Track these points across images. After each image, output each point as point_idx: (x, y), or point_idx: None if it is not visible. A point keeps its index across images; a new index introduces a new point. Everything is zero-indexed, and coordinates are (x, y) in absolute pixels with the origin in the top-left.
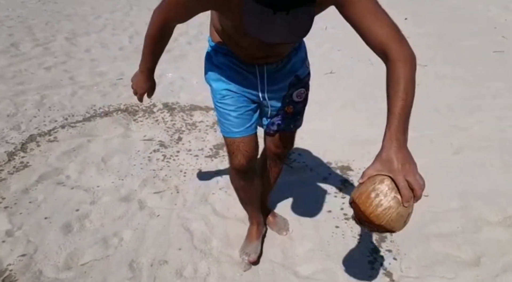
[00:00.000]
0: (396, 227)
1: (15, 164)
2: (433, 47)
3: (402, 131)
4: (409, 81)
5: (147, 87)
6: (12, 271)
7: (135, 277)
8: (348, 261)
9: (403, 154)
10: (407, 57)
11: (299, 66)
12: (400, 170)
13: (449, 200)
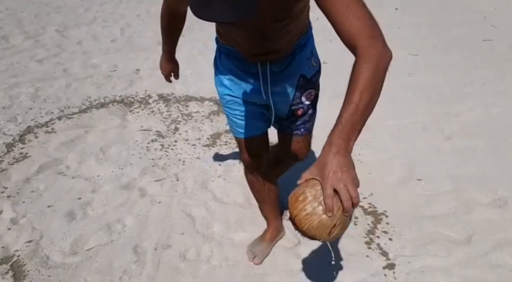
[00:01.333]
0: (318, 235)
1: (14, 155)
2: (424, 37)
3: (344, 137)
4: (368, 84)
5: (169, 67)
6: (19, 257)
7: (140, 261)
8: (345, 241)
9: (339, 161)
10: (373, 57)
11: (304, 65)
12: (329, 177)
13: (442, 184)
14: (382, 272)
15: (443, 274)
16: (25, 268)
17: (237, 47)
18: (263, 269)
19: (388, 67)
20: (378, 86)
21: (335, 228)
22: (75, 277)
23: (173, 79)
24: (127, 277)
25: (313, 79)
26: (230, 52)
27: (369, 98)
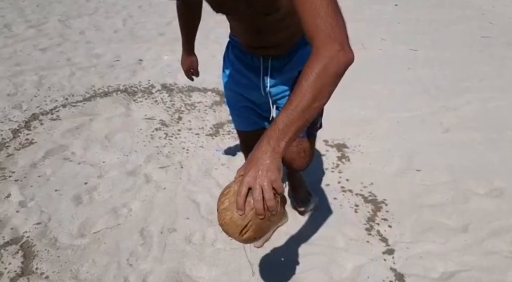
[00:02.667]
0: (229, 232)
1: (20, 141)
2: (423, 32)
3: (275, 137)
4: (311, 86)
5: (187, 62)
6: (29, 238)
7: (146, 243)
8: (346, 228)
9: (263, 160)
10: (324, 58)
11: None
12: (247, 174)
13: (440, 174)
14: (382, 257)
15: (440, 259)
16: (35, 249)
17: (239, 38)
18: (264, 252)
19: (342, 71)
20: (323, 89)
21: (247, 229)
22: (83, 257)
23: (176, 69)
24: (134, 259)
25: None
26: (236, 44)
27: (310, 101)
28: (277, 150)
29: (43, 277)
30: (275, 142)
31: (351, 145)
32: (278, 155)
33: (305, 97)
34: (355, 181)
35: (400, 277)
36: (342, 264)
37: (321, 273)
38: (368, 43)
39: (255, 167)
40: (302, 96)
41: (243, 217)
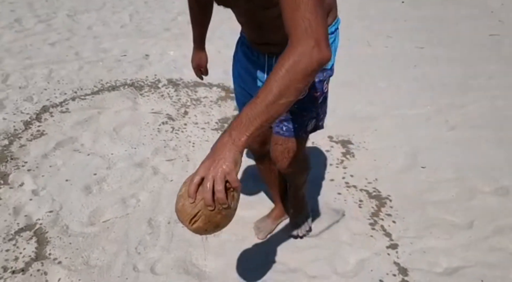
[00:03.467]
0: (181, 219)
1: (32, 132)
2: (430, 30)
3: (238, 130)
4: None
5: (196, 59)
6: (42, 225)
7: (154, 233)
8: (350, 223)
9: (222, 151)
10: (295, 54)
11: None
12: (203, 163)
13: (444, 172)
14: (386, 251)
15: (444, 255)
16: (48, 235)
17: (245, 34)
18: (268, 244)
19: (314, 69)
20: (291, 86)
21: (196, 219)
22: (93, 245)
23: (181, 65)
24: (143, 247)
25: None
26: (244, 40)
27: (276, 96)
28: (237, 143)
29: (56, 262)
30: (236, 135)
31: (356, 142)
32: (238, 148)
33: (271, 92)
34: (360, 177)
35: (403, 271)
36: (346, 258)
37: (325, 266)
38: (374, 40)
39: (212, 157)
40: (268, 91)
41: (194, 206)
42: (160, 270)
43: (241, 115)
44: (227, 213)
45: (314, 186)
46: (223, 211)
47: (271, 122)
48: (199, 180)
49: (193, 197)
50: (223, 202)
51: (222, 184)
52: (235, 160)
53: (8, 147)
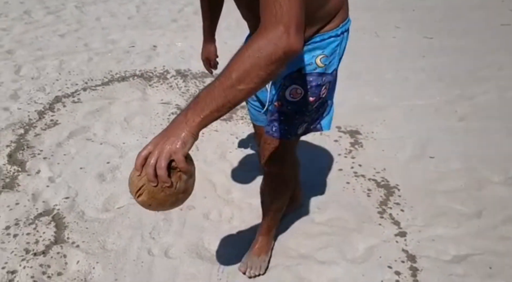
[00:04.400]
0: (129, 189)
1: (46, 122)
2: (439, 20)
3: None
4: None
5: (205, 51)
6: (59, 210)
7: (167, 219)
8: (358, 211)
9: (174, 129)
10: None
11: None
12: (155, 139)
13: (454, 162)
14: (394, 239)
15: (453, 243)
16: (65, 220)
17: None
18: (279, 230)
19: (279, 57)
20: (252, 72)
21: (140, 192)
22: (109, 230)
23: (189, 56)
24: (157, 232)
25: (308, 78)
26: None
27: (234, 81)
28: (190, 124)
29: (74, 246)
30: (191, 115)
31: (364, 132)
32: (190, 129)
33: (230, 76)
34: (368, 167)
35: (412, 258)
36: (355, 245)
37: (334, 252)
38: (382, 31)
39: (163, 134)
40: (227, 75)
41: (139, 179)
42: (173, 254)
43: (199, 95)
44: (171, 193)
45: (323, 176)
46: (166, 190)
47: (229, 107)
48: (146, 154)
49: (139, 170)
50: (163, 180)
51: (165, 161)
52: (185, 141)
53: (24, 136)
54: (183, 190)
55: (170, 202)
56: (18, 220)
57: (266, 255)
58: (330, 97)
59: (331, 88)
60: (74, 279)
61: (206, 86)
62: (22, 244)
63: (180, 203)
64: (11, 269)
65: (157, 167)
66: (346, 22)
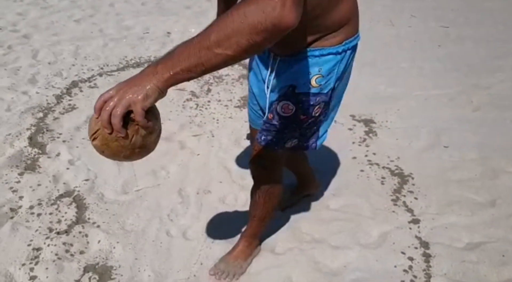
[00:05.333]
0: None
1: (64, 106)
2: (455, 9)
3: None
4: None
5: None
6: (79, 192)
7: (184, 202)
8: (372, 198)
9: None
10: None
11: (301, 77)
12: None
13: (468, 151)
14: (408, 226)
15: (466, 231)
16: (85, 202)
17: None
18: (294, 216)
19: (265, 27)
20: (232, 37)
21: (95, 136)
22: (129, 212)
23: None
24: (174, 215)
25: (301, 97)
26: None
27: (213, 43)
28: (158, 77)
29: (95, 226)
30: (161, 69)
31: (378, 121)
32: (157, 83)
33: (209, 37)
34: (382, 155)
35: (425, 245)
36: (368, 231)
37: (348, 238)
38: (397, 20)
39: (130, 81)
40: (208, 35)
41: (96, 122)
42: (191, 235)
43: (174, 50)
44: (125, 145)
45: (337, 163)
46: (120, 140)
47: (202, 70)
48: (106, 98)
49: (97, 113)
50: (117, 129)
51: (121, 109)
52: (148, 94)
53: (43, 119)
54: (139, 145)
55: (124, 155)
56: (41, 200)
57: (244, 261)
58: (326, 116)
59: (326, 107)
60: (96, 257)
61: (184, 42)
62: (45, 223)
63: (137, 157)
64: (36, 246)
65: (112, 114)
66: (352, 39)
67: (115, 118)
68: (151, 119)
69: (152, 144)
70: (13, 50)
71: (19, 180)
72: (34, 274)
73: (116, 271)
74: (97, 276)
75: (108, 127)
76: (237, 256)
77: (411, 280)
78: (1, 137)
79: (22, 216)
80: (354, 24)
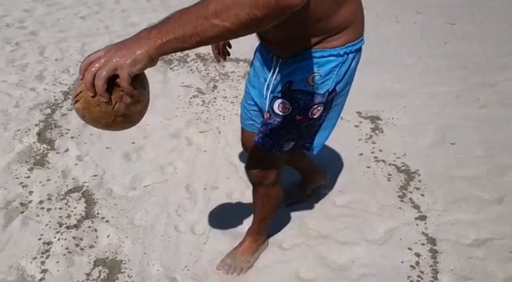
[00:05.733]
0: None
1: (71, 103)
2: (461, 6)
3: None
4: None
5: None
6: (88, 187)
7: (192, 198)
8: (379, 194)
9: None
10: None
11: (298, 73)
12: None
13: (474, 149)
14: (414, 222)
15: (473, 227)
16: (94, 197)
17: None
18: (300, 211)
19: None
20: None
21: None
22: (137, 207)
23: None
24: (182, 210)
25: (296, 94)
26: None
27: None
28: (150, 44)
29: (104, 221)
30: (154, 34)
31: (384, 118)
32: (149, 49)
33: (207, 7)
34: (388, 152)
35: (432, 241)
36: (375, 227)
37: (355, 233)
38: (402, 16)
39: (120, 43)
40: (207, 4)
41: (80, 84)
42: (199, 230)
43: (170, 16)
44: (108, 112)
45: (344, 160)
46: (102, 105)
47: (196, 41)
48: (93, 59)
49: (82, 74)
50: (100, 92)
51: (106, 72)
52: (137, 59)
53: (51, 116)
54: (122, 113)
55: (105, 122)
56: (51, 195)
57: (251, 256)
58: (326, 121)
59: (325, 111)
60: (106, 252)
61: (182, 9)
62: (55, 217)
63: (118, 127)
64: (46, 240)
65: (96, 76)
66: (355, 43)
67: (98, 80)
68: (137, 87)
69: (136, 114)
70: (21, 47)
71: (28, 176)
72: (45, 267)
73: (125, 265)
74: (107, 270)
75: (91, 89)
76: (244, 251)
77: (418, 275)
78: (11, 133)
79: (32, 210)
80: (357, 27)
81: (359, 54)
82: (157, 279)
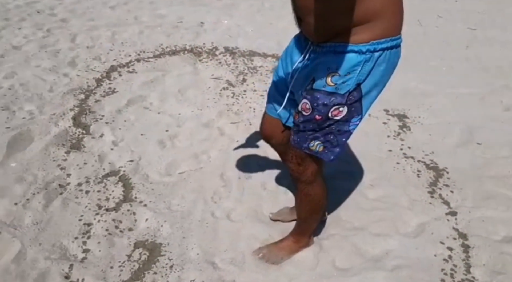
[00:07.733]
0: None
1: (104, 89)
2: (482, 12)
3: None
4: None
5: None
6: (125, 172)
7: (227, 186)
8: (409, 190)
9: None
10: None
11: (321, 70)
12: None
13: (501, 149)
14: (445, 217)
15: (502, 224)
16: (131, 181)
17: None
18: (335, 204)
19: None
20: None
21: None
22: (174, 192)
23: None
24: (218, 197)
25: (316, 94)
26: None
27: None
28: None
29: (142, 205)
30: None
31: (411, 116)
32: None
33: None
34: (417, 149)
35: (463, 236)
36: (407, 221)
37: (388, 226)
38: (424, 20)
39: None
40: None
41: None
42: (235, 217)
43: None
44: None
45: (374, 155)
46: None
47: None
48: None
49: None
50: None
51: None
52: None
53: (85, 101)
54: None
55: None
56: (88, 178)
57: (287, 256)
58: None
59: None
60: (145, 234)
61: None
62: (94, 200)
63: None
64: (87, 222)
65: None
66: (383, 41)
67: None
68: None
69: None
70: (52, 33)
71: (66, 158)
72: (87, 247)
73: (165, 248)
74: (147, 252)
75: None
76: (282, 248)
77: (452, 269)
78: (46, 116)
79: (71, 192)
80: (385, 24)
81: (392, 56)
82: (197, 263)
